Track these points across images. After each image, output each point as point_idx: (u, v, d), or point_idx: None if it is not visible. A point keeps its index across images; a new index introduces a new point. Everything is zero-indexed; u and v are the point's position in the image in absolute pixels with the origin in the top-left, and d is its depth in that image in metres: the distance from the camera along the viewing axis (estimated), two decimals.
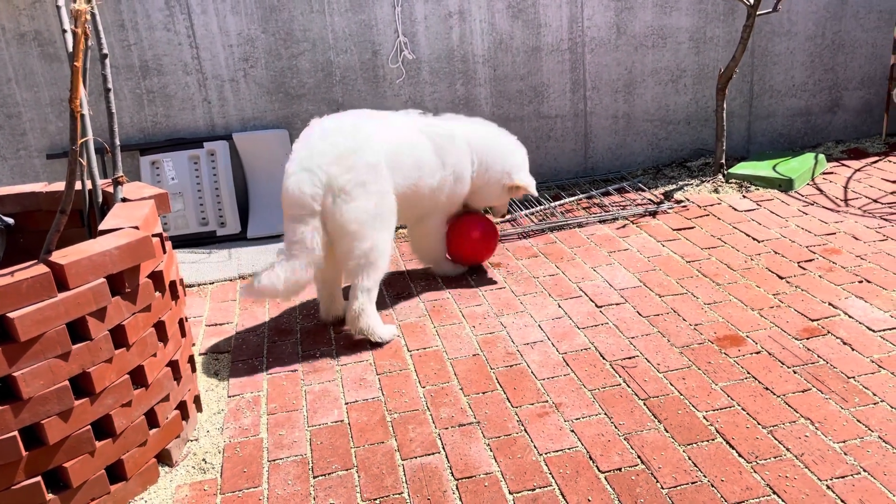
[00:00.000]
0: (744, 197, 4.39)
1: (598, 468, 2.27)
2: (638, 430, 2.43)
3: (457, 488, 2.24)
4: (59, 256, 2.03)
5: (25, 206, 2.67)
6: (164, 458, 2.41)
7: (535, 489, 2.21)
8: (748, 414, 2.46)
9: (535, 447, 2.38)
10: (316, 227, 2.90)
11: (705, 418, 2.46)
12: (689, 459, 2.28)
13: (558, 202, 4.47)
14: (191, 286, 3.76)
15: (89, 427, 2.09)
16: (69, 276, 1.99)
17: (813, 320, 3.00)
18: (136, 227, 2.23)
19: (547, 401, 2.62)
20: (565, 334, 3.05)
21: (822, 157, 4.80)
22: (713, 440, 2.35)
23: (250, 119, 4.41)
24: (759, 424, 2.41)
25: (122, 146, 4.19)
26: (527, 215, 4.35)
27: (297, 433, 2.55)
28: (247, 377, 2.92)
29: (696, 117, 4.96)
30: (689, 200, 4.40)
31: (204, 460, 2.46)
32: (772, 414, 2.45)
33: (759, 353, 2.81)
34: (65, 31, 2.41)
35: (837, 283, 3.28)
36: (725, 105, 4.51)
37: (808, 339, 2.87)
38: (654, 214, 4.25)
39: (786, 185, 4.44)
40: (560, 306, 3.28)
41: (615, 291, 3.38)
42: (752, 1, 4.27)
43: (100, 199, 2.55)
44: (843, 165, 4.80)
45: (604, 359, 2.85)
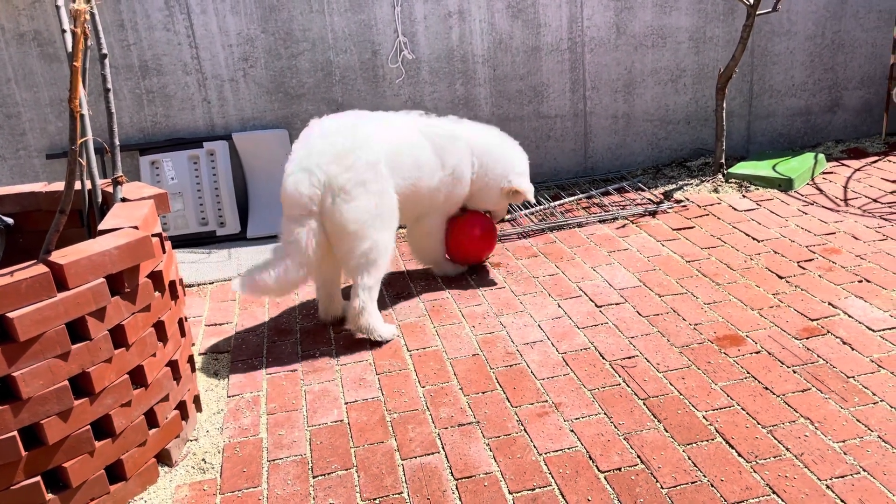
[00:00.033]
0: (743, 197, 4.39)
1: (597, 468, 2.27)
2: (637, 429, 2.43)
3: (456, 488, 2.24)
4: (59, 256, 2.03)
5: (25, 206, 2.67)
6: (164, 458, 2.41)
7: (534, 489, 2.21)
8: (748, 414, 2.46)
9: (535, 447, 2.38)
10: (312, 228, 2.90)
11: (705, 418, 2.46)
12: (689, 459, 2.28)
13: (558, 202, 4.47)
14: (190, 286, 3.76)
15: (89, 427, 2.09)
16: (69, 276, 1.99)
17: (813, 320, 3.00)
18: (136, 227, 2.23)
19: (546, 401, 2.62)
20: (565, 334, 3.05)
21: (821, 156, 4.79)
22: (713, 440, 2.35)
23: (250, 119, 4.41)
24: (759, 424, 2.41)
25: (122, 146, 4.18)
26: (526, 215, 4.35)
27: (297, 433, 2.55)
28: (246, 377, 2.92)
29: (695, 117, 4.96)
30: (688, 200, 4.40)
31: (203, 460, 2.46)
32: (771, 414, 2.45)
33: (758, 352, 2.81)
34: (64, 31, 2.42)
35: (837, 282, 3.28)
36: (725, 105, 4.51)
37: (807, 338, 2.87)
38: (653, 214, 4.25)
39: (785, 185, 4.44)
40: (560, 306, 3.28)
41: (615, 291, 3.38)
42: (752, 1, 4.27)
43: (99, 199, 2.55)
44: (843, 165, 4.80)
45: (603, 358, 2.85)
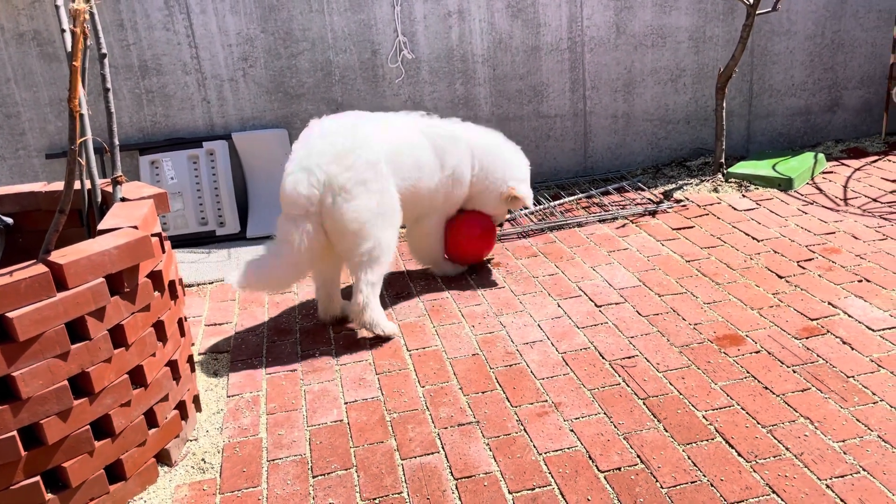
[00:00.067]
0: (743, 196, 4.39)
1: (597, 468, 2.27)
2: (637, 429, 2.43)
3: (456, 488, 2.24)
4: (58, 256, 2.03)
5: (24, 205, 2.67)
6: (164, 458, 2.41)
7: (534, 489, 2.21)
8: (748, 413, 2.46)
9: (535, 447, 2.38)
10: (307, 230, 2.90)
11: (705, 418, 2.46)
12: (689, 459, 2.27)
13: (558, 202, 4.46)
14: (190, 286, 3.76)
15: (88, 427, 2.09)
16: (68, 276, 1.99)
17: (812, 319, 3.00)
18: (136, 227, 2.23)
19: (546, 400, 2.62)
20: (565, 334, 3.05)
21: (821, 156, 4.79)
22: (713, 439, 2.35)
23: (249, 119, 4.41)
24: (759, 424, 2.41)
25: (122, 146, 4.18)
26: (526, 215, 4.35)
27: (297, 433, 2.55)
28: (246, 377, 2.92)
29: (695, 117, 4.96)
30: (688, 200, 4.40)
31: (203, 460, 2.45)
32: (771, 413, 2.45)
33: (758, 352, 2.81)
34: (63, 30, 2.42)
35: (837, 282, 3.28)
36: (725, 104, 4.51)
37: (807, 338, 2.87)
38: (653, 214, 4.25)
39: (785, 185, 4.44)
40: (559, 306, 3.28)
41: (615, 291, 3.38)
42: (752, 0, 4.27)
43: (99, 199, 2.55)
44: (843, 165, 4.80)
45: (603, 358, 2.85)
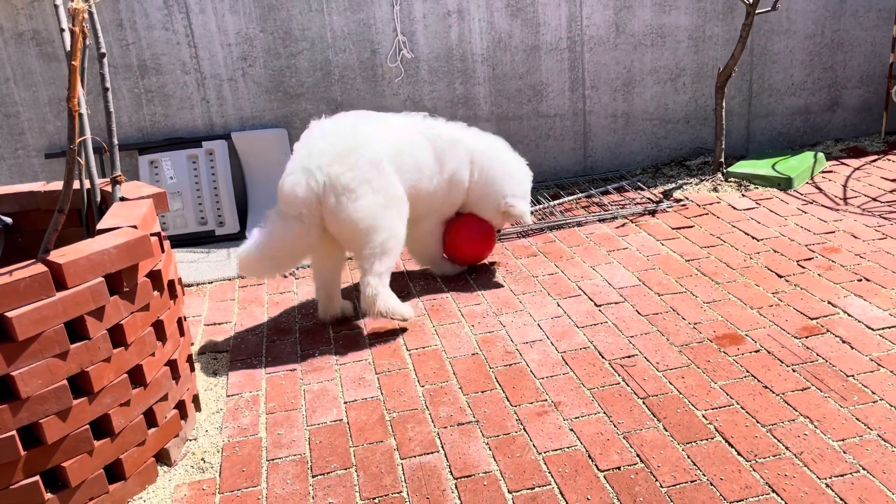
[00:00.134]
0: (743, 196, 4.39)
1: (597, 467, 2.27)
2: (637, 428, 2.43)
3: (456, 487, 2.24)
4: (58, 256, 2.02)
5: (24, 205, 2.67)
6: (163, 458, 2.41)
7: (534, 488, 2.21)
8: (747, 412, 2.46)
9: (534, 446, 2.38)
10: (296, 231, 2.92)
11: (704, 417, 2.46)
12: (689, 458, 2.27)
13: (557, 201, 4.46)
14: (189, 285, 3.76)
15: (88, 426, 2.09)
16: (67, 276, 1.99)
17: (812, 319, 3.00)
18: (135, 227, 2.23)
19: (546, 400, 2.62)
20: (564, 333, 3.05)
21: (821, 155, 4.79)
22: (712, 439, 2.35)
23: (249, 118, 4.41)
24: (759, 423, 2.40)
25: (121, 145, 4.18)
26: None
27: (296, 432, 2.55)
28: (245, 376, 2.92)
29: (695, 116, 4.96)
30: (688, 199, 4.40)
31: (203, 460, 2.45)
32: (771, 412, 2.45)
33: (758, 351, 2.81)
34: (63, 30, 2.42)
35: (837, 281, 3.28)
36: (724, 104, 4.51)
37: (807, 337, 2.87)
38: (653, 213, 4.25)
39: (785, 184, 4.44)
40: (559, 305, 3.28)
41: (614, 290, 3.38)
42: None
43: (98, 199, 2.55)
44: (843, 164, 4.80)
45: (603, 358, 2.85)
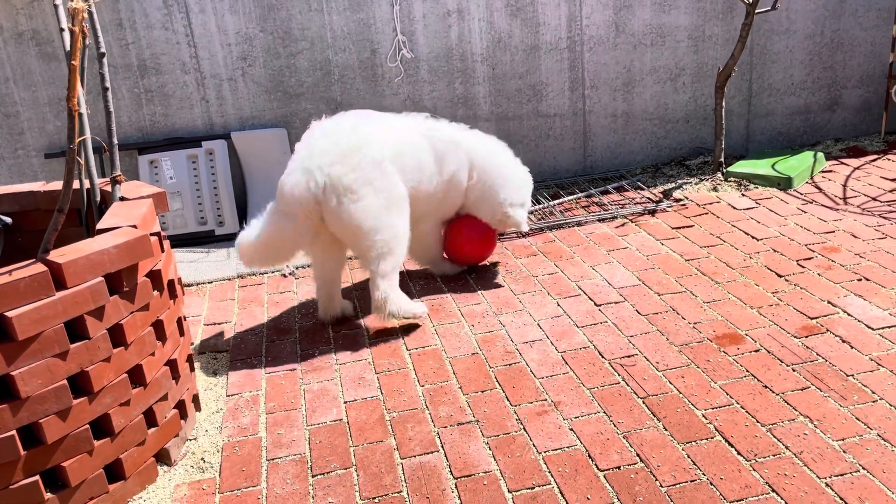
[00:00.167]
0: (743, 195, 4.39)
1: (596, 466, 2.27)
2: (637, 428, 2.43)
3: (456, 487, 2.24)
4: (57, 255, 2.02)
5: (23, 205, 2.67)
6: (163, 458, 2.41)
7: (534, 488, 2.21)
8: (747, 412, 2.46)
9: (534, 446, 2.38)
10: (292, 229, 2.93)
11: (704, 416, 2.46)
12: (688, 457, 2.27)
13: (557, 201, 4.46)
14: (189, 285, 3.76)
15: (87, 426, 2.09)
16: (67, 275, 1.99)
17: (812, 318, 3.00)
18: (135, 226, 2.23)
19: (546, 399, 2.62)
20: (564, 333, 3.05)
21: (820, 155, 4.79)
22: (712, 438, 2.35)
23: (248, 118, 4.41)
24: (758, 422, 2.41)
25: (121, 145, 4.18)
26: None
27: (296, 432, 2.55)
28: (245, 376, 2.92)
29: (694, 116, 4.96)
30: (688, 199, 4.40)
31: (202, 459, 2.45)
32: (771, 412, 2.45)
33: (757, 351, 2.81)
34: (62, 29, 2.42)
35: (836, 281, 3.28)
36: (724, 103, 4.51)
37: (806, 337, 2.87)
38: (653, 213, 4.25)
39: (785, 184, 4.44)
40: (559, 305, 3.28)
41: (614, 290, 3.38)
42: None
43: (98, 198, 2.55)
44: (842, 164, 4.80)
45: (603, 357, 2.85)
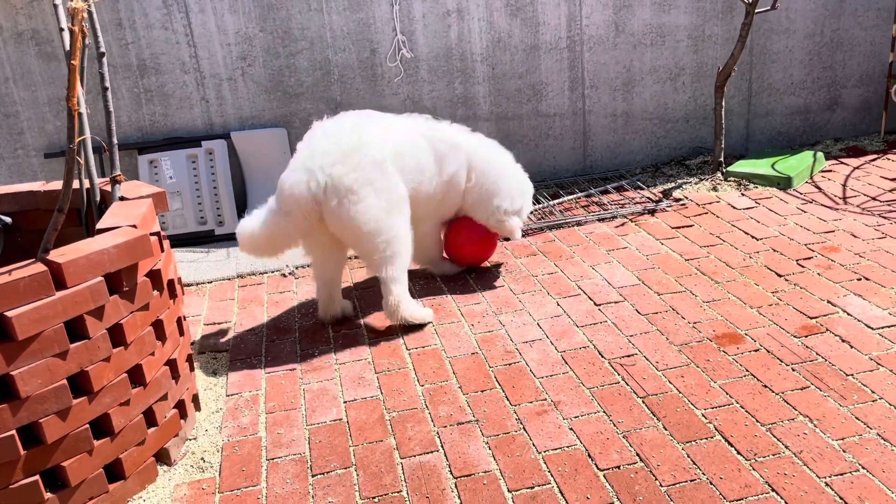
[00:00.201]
0: (742, 195, 4.39)
1: (596, 466, 2.27)
2: (637, 427, 2.43)
3: (455, 486, 2.24)
4: (57, 255, 2.02)
5: (23, 205, 2.67)
6: (163, 457, 2.41)
7: (533, 487, 2.21)
8: (747, 411, 2.46)
9: (534, 445, 2.38)
10: (288, 225, 2.93)
11: (704, 416, 2.46)
12: (688, 457, 2.28)
13: (557, 201, 4.46)
14: (189, 285, 3.76)
15: (87, 426, 2.09)
16: (67, 275, 1.99)
17: (811, 318, 3.00)
18: (134, 226, 2.23)
19: (546, 399, 2.62)
20: (564, 332, 3.05)
21: (820, 154, 4.79)
22: (712, 438, 2.35)
23: (248, 118, 4.41)
24: (758, 422, 2.41)
25: (120, 145, 4.18)
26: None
27: (296, 432, 2.55)
28: (245, 376, 2.92)
29: (694, 115, 4.96)
30: (687, 199, 4.40)
31: (202, 459, 2.45)
32: (770, 411, 2.45)
33: (757, 350, 2.81)
34: (62, 29, 2.42)
35: (836, 280, 3.28)
36: (724, 103, 4.51)
37: (806, 336, 2.87)
38: (652, 213, 4.25)
39: (784, 183, 4.44)
40: (559, 304, 3.28)
41: (614, 290, 3.38)
42: None
43: (98, 198, 2.55)
44: (842, 163, 4.80)
45: (602, 357, 2.85)
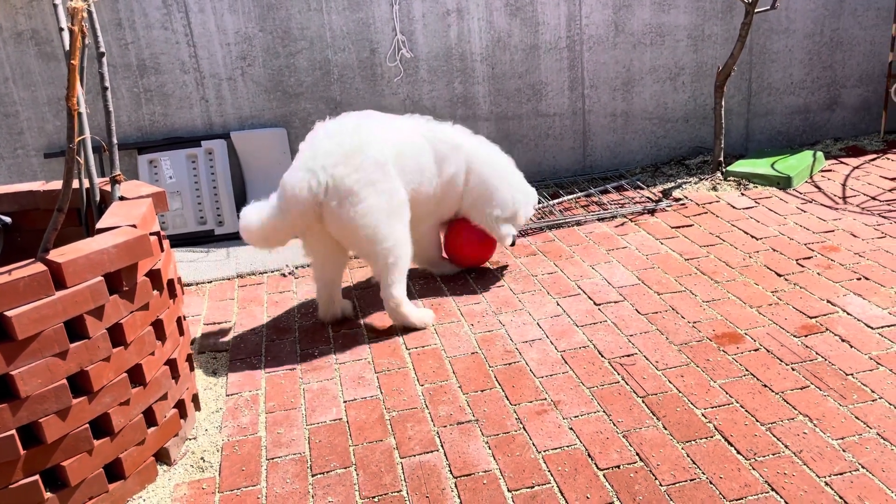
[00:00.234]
0: (742, 195, 4.39)
1: (596, 465, 2.27)
2: (636, 427, 2.43)
3: (455, 486, 2.24)
4: (57, 255, 2.02)
5: (23, 204, 2.67)
6: (163, 457, 2.41)
7: (533, 487, 2.21)
8: (746, 411, 2.46)
9: (534, 445, 2.38)
10: (286, 222, 2.94)
11: (704, 415, 2.46)
12: (688, 456, 2.28)
13: (557, 200, 4.46)
14: (189, 285, 3.76)
15: (87, 426, 2.09)
16: (67, 275, 1.99)
17: (811, 317, 3.00)
18: (134, 226, 2.23)
19: (545, 399, 2.62)
20: (564, 332, 3.05)
21: (820, 154, 4.80)
22: (711, 437, 2.35)
23: (248, 118, 4.41)
24: (758, 421, 2.41)
25: (120, 145, 4.18)
26: None
27: (296, 431, 2.55)
28: (245, 376, 2.92)
29: (694, 115, 4.96)
30: (687, 198, 4.40)
31: (202, 459, 2.45)
32: (770, 411, 2.45)
33: (757, 350, 2.81)
34: (62, 29, 2.42)
35: (836, 280, 3.28)
36: (724, 103, 4.51)
37: (806, 336, 2.87)
38: (652, 212, 4.25)
39: (784, 183, 4.44)
40: (559, 304, 3.28)
41: (614, 289, 3.38)
42: None
43: (97, 198, 2.55)
44: (842, 163, 4.80)
45: (602, 356, 2.85)
